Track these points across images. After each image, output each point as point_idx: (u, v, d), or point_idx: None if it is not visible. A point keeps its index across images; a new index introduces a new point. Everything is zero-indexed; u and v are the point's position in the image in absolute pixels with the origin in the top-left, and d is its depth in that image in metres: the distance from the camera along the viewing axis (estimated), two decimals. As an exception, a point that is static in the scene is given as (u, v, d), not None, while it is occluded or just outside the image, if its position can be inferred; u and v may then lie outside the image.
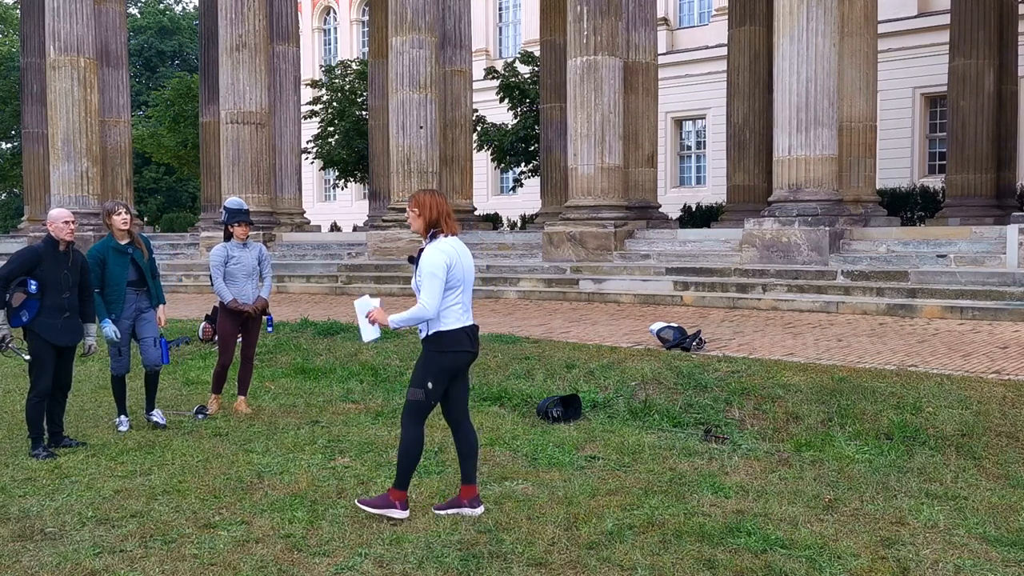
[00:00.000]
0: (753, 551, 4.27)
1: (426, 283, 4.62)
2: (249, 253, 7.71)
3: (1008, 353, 8.26)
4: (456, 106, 18.93)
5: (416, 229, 4.78)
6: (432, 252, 4.66)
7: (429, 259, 4.64)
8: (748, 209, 18.15)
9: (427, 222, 4.73)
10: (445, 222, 4.73)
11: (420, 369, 4.79)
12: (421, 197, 4.78)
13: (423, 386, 4.74)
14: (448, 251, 4.68)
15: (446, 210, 4.76)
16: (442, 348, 4.73)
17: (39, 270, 6.38)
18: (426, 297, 4.61)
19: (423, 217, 4.73)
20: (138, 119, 36.63)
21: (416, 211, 4.74)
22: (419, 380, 4.76)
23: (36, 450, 6.35)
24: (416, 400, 4.76)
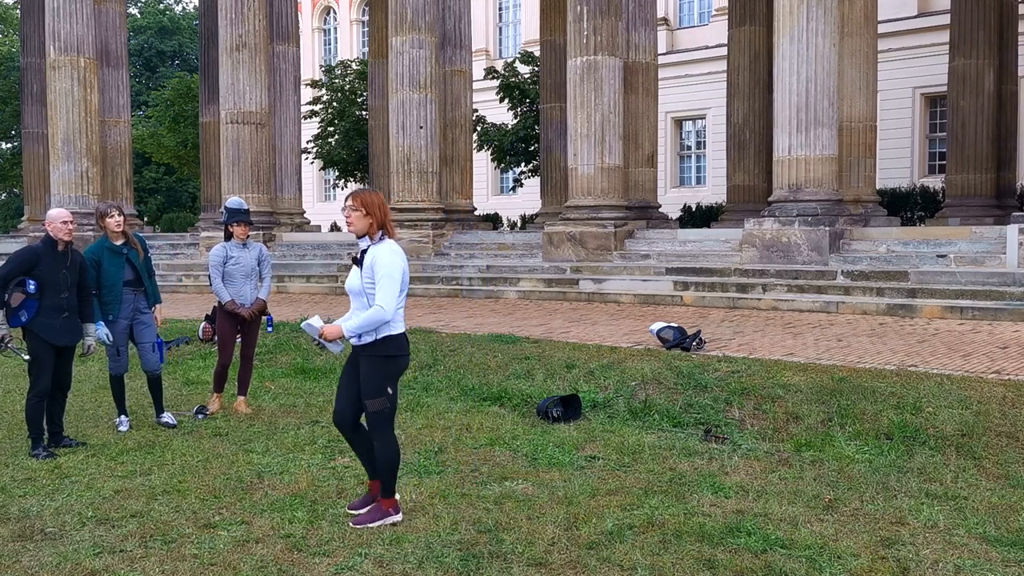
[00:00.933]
0: (753, 551, 4.27)
1: (384, 285, 4.52)
2: (249, 253, 7.71)
3: (1008, 353, 8.26)
4: (456, 106, 18.93)
5: (360, 229, 4.60)
6: (387, 254, 4.56)
7: (385, 260, 4.54)
8: (748, 209, 18.16)
9: (378, 223, 4.60)
10: (390, 224, 4.66)
11: (375, 377, 4.64)
12: (369, 197, 4.62)
13: (383, 393, 4.64)
14: (401, 253, 4.64)
15: (388, 211, 4.70)
16: (392, 352, 4.65)
17: (38, 270, 6.38)
18: (384, 299, 4.51)
19: (372, 217, 4.59)
20: (138, 119, 36.64)
21: (363, 211, 4.57)
22: (378, 388, 4.64)
23: (36, 450, 6.35)
24: (380, 410, 4.65)
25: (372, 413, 4.66)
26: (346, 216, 4.60)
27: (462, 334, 10.40)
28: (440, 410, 7.51)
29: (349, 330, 4.55)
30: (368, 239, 4.62)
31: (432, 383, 8.39)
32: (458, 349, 9.39)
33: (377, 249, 4.57)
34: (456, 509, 4.96)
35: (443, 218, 17.82)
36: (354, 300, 4.65)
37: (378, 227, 4.60)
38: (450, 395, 8.03)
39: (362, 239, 4.63)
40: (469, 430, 6.82)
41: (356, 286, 4.62)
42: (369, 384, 4.64)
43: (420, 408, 7.61)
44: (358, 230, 4.61)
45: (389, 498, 4.76)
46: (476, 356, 9.02)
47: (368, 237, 4.62)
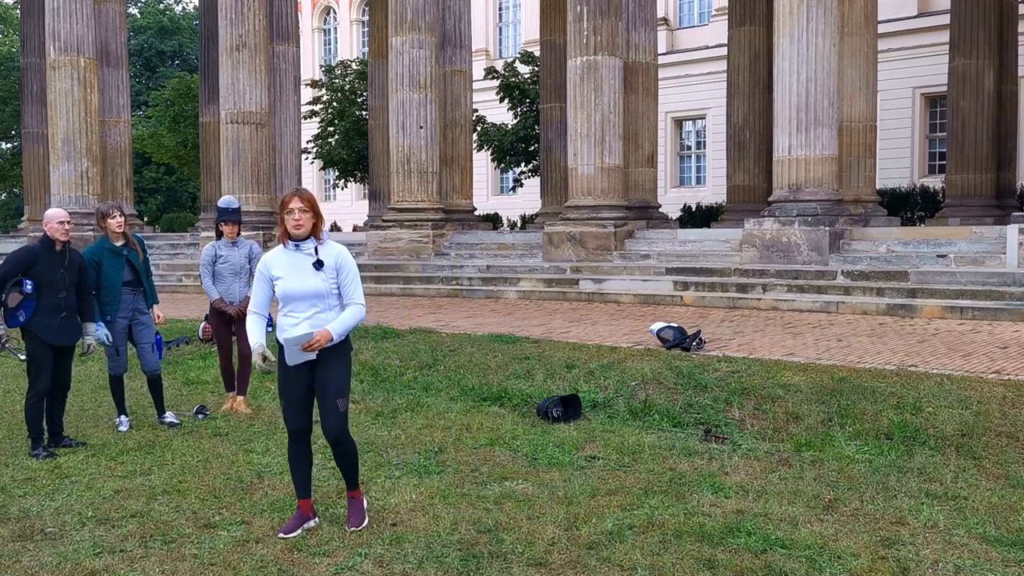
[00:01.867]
0: (753, 551, 4.27)
1: (356, 283, 4.54)
2: (238, 252, 7.77)
3: (1008, 353, 8.26)
4: (456, 106, 18.93)
5: (307, 231, 4.48)
6: (344, 249, 4.56)
7: (351, 260, 4.55)
8: (748, 209, 18.16)
9: (320, 219, 4.55)
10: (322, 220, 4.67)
11: (346, 376, 4.63)
12: (311, 196, 4.56)
13: (349, 390, 4.68)
14: None
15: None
16: (351, 348, 4.72)
17: (35, 270, 6.38)
18: (361, 297, 4.56)
19: (317, 217, 4.51)
20: (138, 119, 36.64)
21: (311, 212, 4.48)
22: (347, 387, 4.63)
23: (36, 450, 6.35)
24: (349, 406, 4.65)
25: (342, 413, 4.58)
26: (296, 220, 4.42)
27: (462, 334, 10.40)
28: (440, 410, 7.51)
29: (337, 334, 4.45)
30: (314, 239, 4.51)
31: (432, 383, 8.39)
32: (458, 349, 9.39)
33: (335, 249, 4.53)
34: (456, 509, 4.96)
35: (443, 218, 17.81)
36: (309, 303, 4.47)
37: (320, 226, 4.55)
38: (450, 395, 8.02)
39: (306, 240, 4.49)
40: (469, 430, 6.82)
41: (321, 288, 4.47)
42: (340, 384, 4.57)
43: (420, 408, 7.61)
44: (306, 232, 4.48)
45: (357, 487, 4.83)
46: (476, 356, 9.02)
47: (314, 237, 4.51)
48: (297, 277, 4.46)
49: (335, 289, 4.49)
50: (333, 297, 4.49)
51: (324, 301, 4.48)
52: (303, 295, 4.46)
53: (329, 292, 4.48)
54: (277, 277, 4.50)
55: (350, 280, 4.51)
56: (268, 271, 4.54)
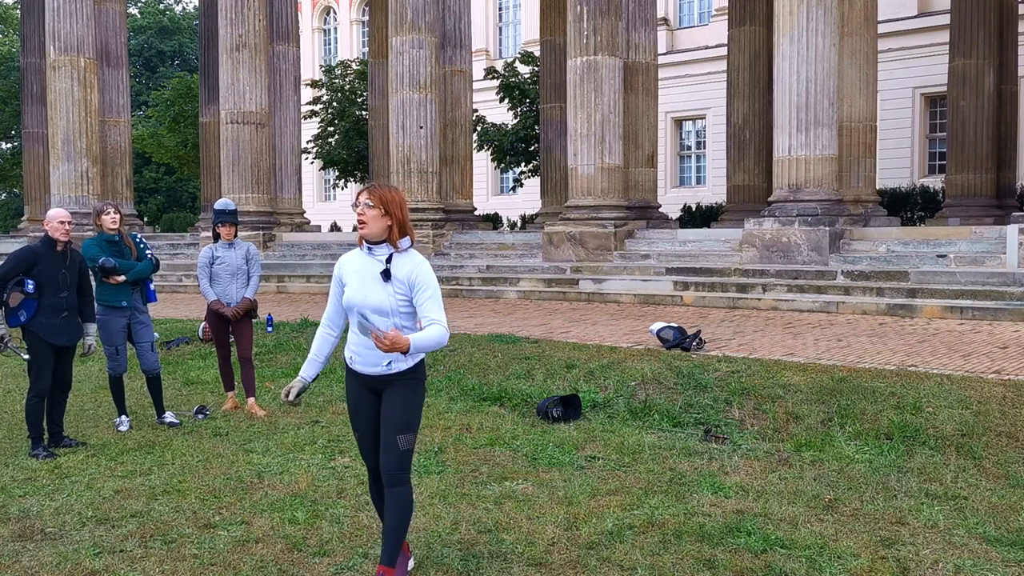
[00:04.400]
0: (753, 551, 4.27)
1: (436, 302, 3.71)
2: (235, 253, 7.79)
3: (1008, 353, 8.26)
4: (456, 106, 18.93)
5: (375, 233, 3.72)
6: (428, 268, 3.78)
7: (431, 273, 3.76)
8: (748, 209, 18.16)
9: (399, 226, 3.74)
10: (411, 228, 3.82)
11: (417, 408, 3.85)
12: (389, 194, 3.74)
13: (416, 427, 3.86)
14: None
15: (408, 213, 3.84)
16: (424, 375, 3.91)
17: (36, 270, 6.39)
18: (444, 317, 3.71)
19: (392, 219, 3.73)
20: (138, 119, 36.63)
21: (381, 209, 3.70)
22: (416, 421, 3.84)
23: (36, 450, 6.35)
24: (413, 445, 3.84)
25: (404, 451, 3.80)
26: (359, 214, 3.70)
27: (462, 334, 10.40)
28: (440, 410, 7.51)
29: (416, 347, 3.60)
30: (388, 246, 3.75)
31: (432, 383, 8.39)
32: (458, 349, 9.39)
33: (412, 262, 3.75)
34: (456, 509, 4.96)
35: (443, 218, 17.82)
36: (373, 319, 3.70)
37: (399, 232, 3.74)
38: (450, 395, 8.03)
39: (379, 245, 3.75)
40: (469, 430, 6.82)
41: (385, 304, 3.72)
42: (407, 416, 3.80)
43: (420, 408, 7.61)
44: (372, 233, 3.72)
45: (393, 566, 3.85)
46: (476, 356, 9.02)
47: (388, 243, 3.75)
48: (362, 286, 3.75)
49: (405, 308, 3.74)
50: (401, 317, 3.74)
51: (388, 320, 3.72)
52: (364, 307, 3.73)
53: (395, 310, 3.72)
54: (347, 283, 3.83)
55: (427, 298, 3.71)
56: (340, 273, 3.87)
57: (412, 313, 3.75)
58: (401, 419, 3.77)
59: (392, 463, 3.77)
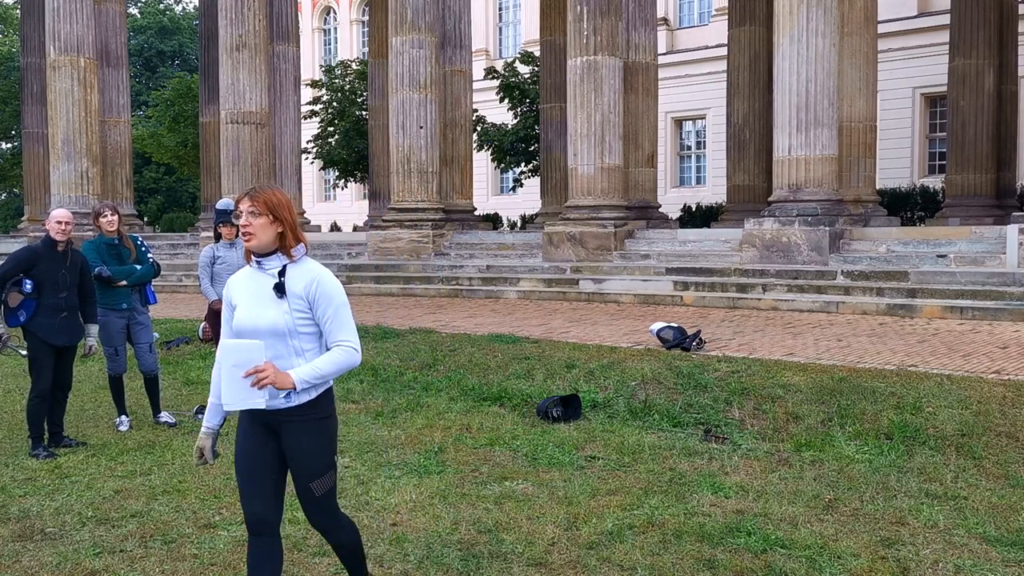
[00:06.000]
0: (753, 551, 4.27)
1: (342, 320, 3.22)
2: (236, 253, 7.82)
3: (1008, 353, 8.26)
4: (456, 106, 18.93)
5: (264, 243, 3.22)
6: (329, 275, 3.26)
7: (334, 284, 3.24)
8: (748, 209, 18.15)
9: (291, 231, 3.25)
10: (299, 231, 3.29)
11: (324, 448, 3.30)
12: (274, 197, 3.24)
13: (331, 466, 3.35)
14: None
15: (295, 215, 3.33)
16: (330, 411, 3.34)
17: (36, 270, 6.39)
18: (354, 337, 3.24)
19: (282, 224, 3.23)
20: (138, 119, 36.63)
21: (269, 215, 3.20)
22: (329, 459, 3.33)
23: (36, 450, 6.35)
24: (332, 486, 3.36)
25: (320, 498, 3.32)
26: (243, 225, 3.21)
27: (462, 334, 10.40)
28: (440, 410, 7.51)
29: (303, 381, 3.15)
30: (280, 256, 3.24)
31: (432, 383, 8.39)
32: (458, 349, 9.39)
33: (311, 272, 3.24)
34: (456, 509, 4.96)
35: (443, 218, 17.81)
36: (265, 343, 3.14)
37: (293, 238, 3.24)
38: (450, 395, 8.03)
39: (269, 257, 3.24)
40: (469, 430, 6.82)
41: (281, 324, 3.18)
42: (315, 459, 3.28)
43: (420, 408, 7.62)
44: (261, 244, 3.21)
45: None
46: (476, 356, 9.02)
47: (281, 253, 3.24)
48: (253, 306, 3.23)
49: (306, 327, 3.21)
50: (301, 338, 3.21)
51: (285, 343, 3.20)
52: (257, 331, 3.19)
53: (294, 330, 3.19)
54: (236, 305, 3.31)
55: (331, 316, 3.21)
56: (228, 295, 3.36)
57: (317, 332, 3.24)
58: (309, 467, 3.27)
59: (313, 512, 3.37)
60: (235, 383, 3.08)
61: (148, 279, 7.35)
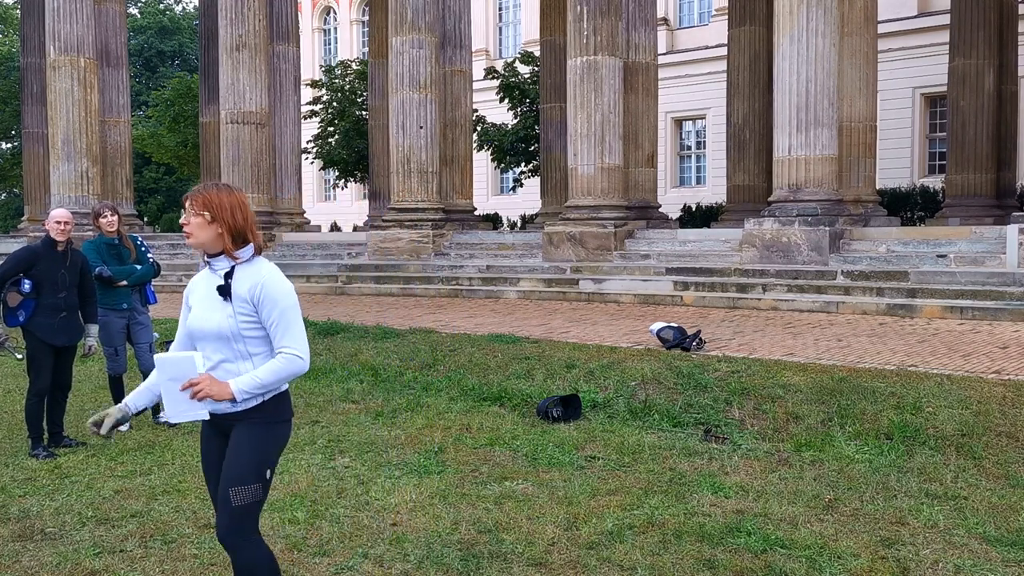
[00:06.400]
0: (753, 551, 4.27)
1: (289, 325, 3.08)
2: None
3: (1008, 353, 8.26)
4: (456, 106, 18.93)
5: (205, 243, 3.13)
6: (280, 280, 3.13)
7: (282, 289, 3.10)
8: (748, 209, 18.16)
9: (230, 232, 3.12)
10: (255, 232, 3.18)
11: (255, 453, 3.13)
12: (215, 197, 3.13)
13: (260, 478, 3.13)
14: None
15: (251, 215, 3.20)
16: (283, 417, 3.21)
17: (36, 270, 6.38)
18: (298, 343, 3.09)
19: (221, 224, 3.11)
20: (138, 119, 36.64)
21: (207, 215, 3.10)
22: (254, 470, 3.12)
23: (36, 450, 6.35)
24: (253, 502, 3.12)
25: (236, 508, 3.09)
26: (183, 223, 3.17)
27: (462, 334, 10.40)
28: (440, 410, 7.51)
29: (242, 392, 3.05)
30: (225, 257, 3.14)
31: (432, 383, 8.39)
32: (458, 349, 9.39)
33: (258, 274, 3.12)
34: (456, 509, 4.96)
35: (443, 218, 17.82)
36: (213, 347, 3.13)
37: (235, 239, 3.13)
38: (450, 395, 8.02)
39: (217, 258, 3.16)
40: (469, 430, 6.82)
41: (226, 328, 3.09)
42: (242, 463, 3.12)
43: (420, 408, 7.62)
44: (202, 243, 3.14)
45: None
46: (476, 356, 9.02)
47: (225, 255, 3.14)
48: (202, 308, 3.18)
49: (252, 331, 3.10)
50: (248, 342, 3.11)
51: (230, 347, 3.11)
52: (205, 334, 3.14)
53: (238, 334, 3.09)
54: (191, 306, 3.28)
55: (276, 320, 3.08)
56: (186, 295, 3.32)
57: (266, 336, 3.12)
58: (236, 469, 3.11)
59: (222, 521, 3.11)
60: (174, 396, 3.07)
61: (148, 279, 7.35)
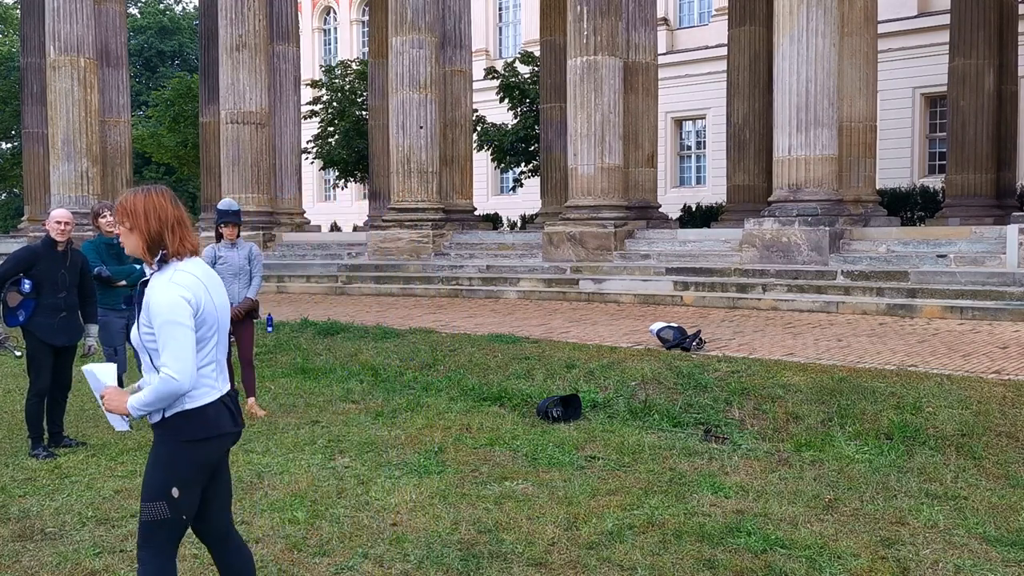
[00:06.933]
0: (753, 551, 4.27)
1: (166, 338, 2.90)
2: (237, 253, 7.82)
3: (1008, 353, 8.26)
4: (456, 106, 18.93)
5: (130, 250, 3.06)
6: (164, 288, 2.94)
7: (161, 299, 2.92)
8: (748, 209, 18.15)
9: (146, 237, 3.01)
10: (174, 235, 3.02)
11: (159, 470, 3.02)
12: (132, 201, 3.02)
13: (164, 496, 3.00)
14: (190, 283, 2.98)
15: (175, 216, 3.04)
16: (193, 435, 3.02)
17: (36, 270, 6.38)
18: (173, 362, 2.89)
19: (138, 232, 3.01)
20: (138, 119, 36.63)
21: (127, 223, 3.01)
22: (159, 487, 3.01)
23: (36, 450, 6.35)
24: (157, 519, 3.01)
25: (143, 523, 3.03)
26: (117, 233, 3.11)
27: (462, 334, 10.40)
28: (440, 410, 7.51)
29: (134, 409, 2.99)
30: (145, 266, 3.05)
31: (432, 383, 8.39)
32: (458, 349, 9.39)
33: (155, 284, 2.99)
34: (456, 509, 4.96)
35: (443, 218, 17.82)
36: (139, 358, 3.08)
37: (151, 247, 3.01)
38: (450, 395, 8.03)
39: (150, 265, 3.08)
40: (469, 430, 6.82)
41: (135, 338, 3.04)
42: (147, 479, 3.04)
43: (420, 408, 7.62)
44: (130, 251, 3.07)
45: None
46: (476, 356, 9.02)
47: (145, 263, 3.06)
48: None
49: (153, 343, 2.97)
50: (153, 354, 2.99)
51: (143, 358, 3.04)
52: (134, 343, 3.09)
53: (141, 346, 3.02)
54: None
55: (156, 334, 2.92)
56: None
57: None
58: (144, 485, 3.05)
59: (138, 536, 3.09)
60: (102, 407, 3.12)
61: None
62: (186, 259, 3.04)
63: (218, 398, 3.09)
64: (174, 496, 3.01)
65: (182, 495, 3.01)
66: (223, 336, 3.14)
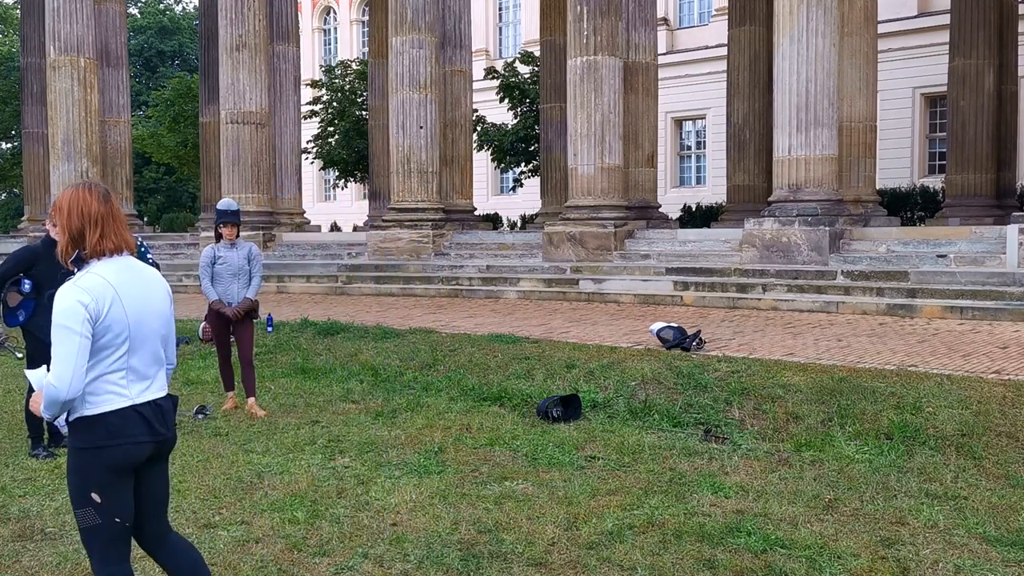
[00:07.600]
0: (753, 551, 4.27)
1: (55, 343, 2.82)
2: (237, 253, 7.83)
3: (1008, 353, 8.26)
4: (456, 106, 18.93)
5: (60, 250, 2.99)
6: (64, 291, 2.85)
7: (57, 303, 2.84)
8: (748, 209, 18.15)
9: (68, 235, 2.92)
10: (94, 233, 2.91)
11: (74, 475, 2.95)
12: (60, 198, 2.97)
13: (88, 501, 2.93)
14: (94, 287, 2.85)
15: (99, 213, 2.92)
16: (94, 443, 2.90)
17: (36, 270, 6.38)
18: (54, 367, 2.81)
19: (62, 228, 2.94)
20: (138, 119, 36.63)
21: (56, 221, 2.99)
22: (79, 494, 2.95)
23: (36, 450, 6.35)
24: (90, 525, 2.95)
25: (82, 532, 3.00)
26: None
27: (462, 334, 10.40)
28: (440, 410, 7.51)
29: (43, 405, 2.89)
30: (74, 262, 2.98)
31: (432, 383, 8.39)
32: (458, 349, 9.39)
33: (63, 285, 2.91)
34: (456, 509, 4.96)
35: (443, 218, 17.82)
36: None
37: (73, 244, 2.93)
38: (450, 395, 8.03)
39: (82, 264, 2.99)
40: (469, 430, 6.82)
41: None
42: (69, 484, 2.98)
43: (420, 408, 7.62)
44: (60, 250, 3.00)
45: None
46: (476, 356, 9.02)
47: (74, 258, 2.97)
48: None
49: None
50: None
51: None
52: None
53: None
54: None
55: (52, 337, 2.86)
56: None
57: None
58: (69, 490, 3.01)
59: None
60: None
61: None
62: (106, 259, 2.92)
63: (128, 406, 2.93)
64: (97, 501, 2.92)
65: (104, 499, 2.92)
66: (146, 343, 2.98)
